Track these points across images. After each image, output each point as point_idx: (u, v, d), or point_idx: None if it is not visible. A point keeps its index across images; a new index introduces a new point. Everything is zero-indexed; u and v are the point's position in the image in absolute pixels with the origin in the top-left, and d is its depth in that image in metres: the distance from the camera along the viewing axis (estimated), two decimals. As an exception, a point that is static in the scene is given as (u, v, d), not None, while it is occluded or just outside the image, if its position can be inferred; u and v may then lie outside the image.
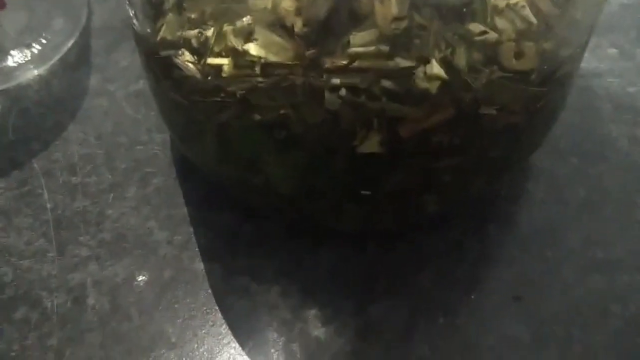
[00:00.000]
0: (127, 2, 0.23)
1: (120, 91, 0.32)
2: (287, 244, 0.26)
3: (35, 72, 0.33)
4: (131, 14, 0.23)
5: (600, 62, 0.33)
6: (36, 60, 0.33)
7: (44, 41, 0.34)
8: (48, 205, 0.28)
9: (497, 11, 0.21)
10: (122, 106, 0.31)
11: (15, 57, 0.33)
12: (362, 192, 0.23)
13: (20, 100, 0.32)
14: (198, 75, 0.21)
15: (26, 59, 0.33)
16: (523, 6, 0.21)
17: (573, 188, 0.28)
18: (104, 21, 0.36)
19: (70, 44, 0.34)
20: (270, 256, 0.26)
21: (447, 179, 0.23)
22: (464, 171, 0.23)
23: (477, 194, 0.26)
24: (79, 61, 0.34)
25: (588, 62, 0.33)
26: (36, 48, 0.34)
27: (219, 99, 0.21)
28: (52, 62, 0.33)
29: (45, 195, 0.28)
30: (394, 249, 0.26)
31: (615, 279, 0.25)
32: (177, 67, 0.21)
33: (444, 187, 0.24)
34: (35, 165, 0.29)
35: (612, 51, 0.33)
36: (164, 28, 0.21)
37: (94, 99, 0.32)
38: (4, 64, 0.33)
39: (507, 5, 0.21)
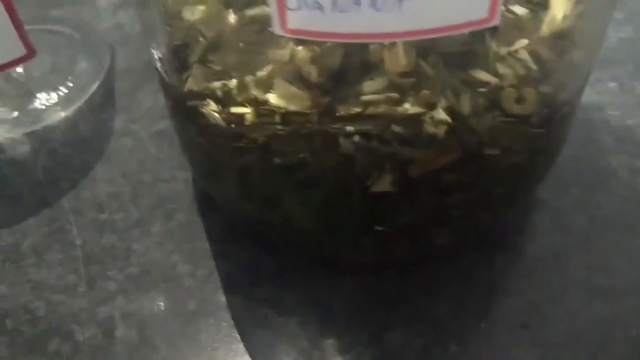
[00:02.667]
0: (154, 55, 0.25)
1: (144, 131, 0.34)
2: (307, 276, 0.27)
3: (62, 114, 0.35)
4: (158, 66, 0.25)
5: (600, 95, 0.34)
6: (63, 102, 0.35)
7: (70, 84, 0.36)
8: (77, 242, 0.29)
9: (499, 58, 0.23)
10: (146, 145, 0.33)
11: (43, 100, 0.35)
12: (377, 227, 0.24)
13: (48, 142, 0.34)
14: (222, 124, 0.22)
15: (53, 102, 0.35)
16: (523, 53, 0.23)
17: (576, 218, 0.29)
18: (127, 63, 0.38)
19: (95, 86, 0.36)
20: (290, 287, 0.27)
21: (456, 214, 0.25)
22: (472, 206, 0.24)
23: (486, 226, 0.28)
24: (104, 103, 0.35)
25: (589, 96, 0.34)
26: (62, 91, 0.35)
27: (241, 144, 0.23)
28: (78, 104, 0.35)
29: (75, 232, 0.30)
30: (408, 279, 0.27)
31: (618, 306, 0.26)
32: (202, 115, 0.23)
33: (454, 222, 0.25)
34: (65, 204, 0.31)
35: (612, 85, 0.35)
36: (190, 80, 0.23)
37: (119, 139, 0.34)
38: (32, 106, 0.35)
39: (508, 52, 0.23)
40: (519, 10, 0.24)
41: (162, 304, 0.27)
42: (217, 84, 0.23)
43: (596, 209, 0.30)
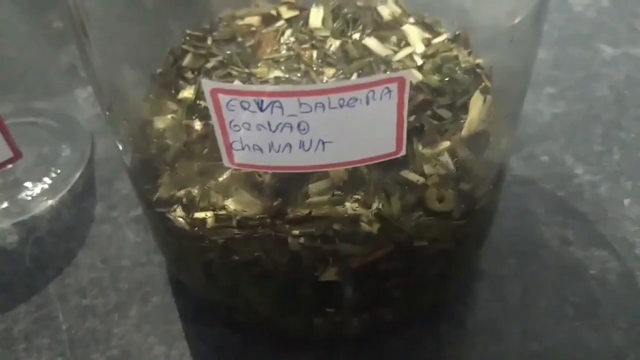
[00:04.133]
0: (124, 158, 0.29)
1: (122, 217, 0.37)
2: (271, 352, 0.30)
3: (48, 203, 0.38)
4: (129, 172, 0.28)
5: (533, 169, 0.38)
6: (48, 192, 0.38)
7: (53, 174, 0.39)
8: (63, 327, 0.32)
9: (425, 159, 0.26)
10: (124, 231, 0.36)
11: (29, 191, 0.38)
12: (327, 309, 0.28)
13: (35, 231, 0.37)
14: (187, 227, 0.26)
15: (39, 192, 0.38)
16: (445, 154, 0.27)
17: (511, 287, 0.33)
18: (106, 152, 0.41)
19: (77, 175, 0.39)
20: (255, 363, 0.30)
21: (397, 295, 0.28)
22: (411, 288, 0.28)
23: (428, 302, 0.31)
24: (85, 191, 0.39)
25: (523, 170, 0.38)
26: (47, 182, 0.39)
27: (204, 244, 0.26)
28: (62, 193, 0.38)
29: (61, 318, 0.33)
30: (360, 352, 0.30)
31: (549, 368, 0.30)
32: (169, 219, 0.26)
33: (396, 301, 0.28)
34: (51, 290, 0.34)
35: (544, 158, 0.39)
36: (161, 189, 0.27)
37: (100, 225, 0.37)
38: (19, 197, 0.38)
39: (432, 154, 0.27)
40: (443, 113, 0.28)
41: (140, 382, 0.30)
42: (182, 192, 0.26)
43: (530, 278, 0.33)
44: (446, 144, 0.27)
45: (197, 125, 0.28)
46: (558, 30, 0.48)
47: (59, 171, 0.39)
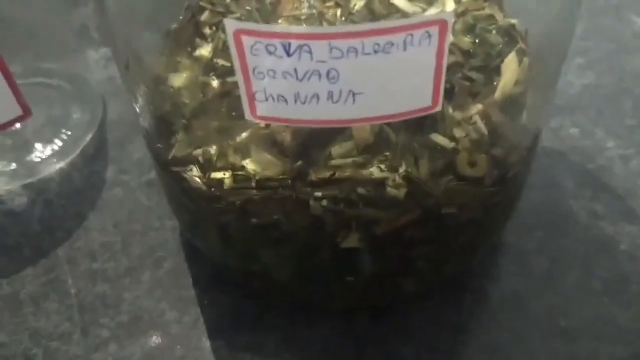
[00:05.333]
0: (141, 120, 0.27)
1: (134, 181, 0.36)
2: (286, 321, 0.29)
3: (58, 165, 0.37)
4: (145, 132, 0.27)
5: (562, 141, 0.37)
6: (58, 154, 0.37)
7: (64, 136, 0.38)
8: (72, 291, 0.31)
9: (455, 123, 0.25)
10: (136, 195, 0.35)
11: (39, 152, 0.37)
12: (347, 278, 0.26)
13: (44, 193, 0.36)
14: (203, 188, 0.25)
15: (49, 154, 0.37)
16: (476, 118, 0.25)
17: (538, 260, 0.31)
18: (118, 115, 0.40)
19: (88, 138, 0.38)
20: (271, 332, 0.29)
21: (421, 264, 0.27)
22: (436, 257, 0.27)
23: (452, 272, 0.30)
24: (96, 154, 0.38)
25: (552, 141, 0.37)
26: (57, 143, 0.38)
27: (221, 206, 0.25)
28: (73, 155, 0.37)
29: (70, 281, 0.32)
30: (379, 323, 0.29)
31: (576, 346, 0.28)
32: (185, 179, 0.25)
33: (419, 271, 0.27)
34: (60, 253, 0.33)
35: (574, 130, 0.37)
36: (176, 147, 0.25)
37: (111, 189, 0.36)
38: (29, 158, 0.37)
39: (463, 117, 0.25)
40: (475, 75, 0.26)
41: (151, 350, 0.29)
42: (198, 151, 0.25)
43: (557, 252, 0.32)
44: (478, 107, 0.25)
45: (215, 83, 0.27)
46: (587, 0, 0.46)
47: (69, 133, 0.38)
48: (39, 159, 0.37)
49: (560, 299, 0.30)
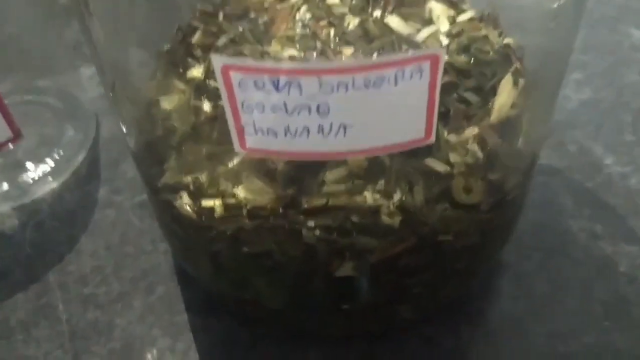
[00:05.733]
0: (128, 141, 0.27)
1: (127, 202, 0.35)
2: (280, 348, 0.29)
3: (51, 186, 0.36)
4: (133, 154, 0.27)
5: (560, 158, 0.36)
6: (51, 174, 0.37)
7: (56, 156, 0.38)
8: (63, 317, 0.31)
9: (450, 147, 0.24)
10: (129, 217, 0.35)
11: (31, 173, 0.37)
12: (342, 306, 0.26)
13: (36, 215, 0.35)
14: (194, 216, 0.24)
15: (41, 174, 0.37)
16: (472, 141, 0.25)
17: (537, 282, 0.31)
18: (112, 133, 0.39)
19: (82, 157, 0.38)
20: (265, 359, 0.29)
21: (417, 291, 0.26)
22: (432, 284, 0.26)
23: (449, 297, 0.29)
24: (89, 174, 0.37)
25: (549, 159, 0.36)
26: (50, 164, 0.37)
27: (212, 234, 0.24)
28: (66, 175, 0.37)
29: (61, 307, 0.31)
30: (375, 350, 0.29)
31: (576, 372, 0.28)
32: (175, 207, 0.25)
33: (416, 298, 0.27)
34: (51, 278, 0.32)
35: (572, 147, 0.37)
36: (167, 174, 0.25)
37: (103, 210, 0.35)
38: (20, 179, 0.37)
39: (459, 141, 0.25)
40: (470, 97, 0.26)
41: (144, 376, 0.28)
42: (189, 178, 0.24)
43: (556, 274, 0.31)
44: (474, 130, 0.25)
45: (206, 106, 0.26)
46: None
47: (62, 152, 0.38)
48: (31, 180, 0.37)
49: (560, 323, 0.29)
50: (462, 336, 0.29)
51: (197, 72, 0.27)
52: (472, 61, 0.27)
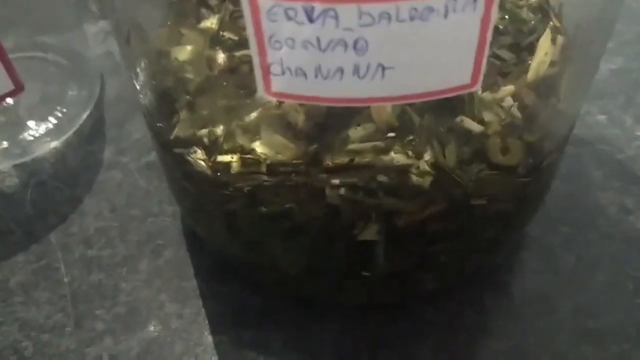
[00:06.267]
0: (141, 97, 0.25)
1: (133, 163, 0.34)
2: (294, 317, 0.27)
3: (52, 144, 0.35)
4: (145, 110, 0.25)
5: (589, 129, 0.34)
6: (53, 133, 0.35)
7: (59, 114, 0.36)
8: (65, 279, 0.29)
9: (484, 105, 0.23)
10: (135, 178, 0.33)
11: (32, 131, 0.35)
12: (362, 273, 0.24)
13: (37, 174, 0.34)
14: (208, 172, 0.22)
15: (43, 132, 0.35)
16: (508, 100, 0.23)
17: (564, 257, 0.29)
18: (117, 92, 0.38)
19: (85, 116, 0.36)
20: (278, 328, 0.27)
21: (443, 260, 0.24)
22: (459, 252, 0.24)
23: (473, 268, 0.27)
24: (93, 133, 0.35)
25: (578, 129, 0.34)
26: (52, 122, 0.35)
27: (227, 192, 0.23)
28: (68, 134, 0.35)
29: (63, 269, 0.30)
30: (394, 320, 0.27)
31: (605, 349, 0.26)
32: (189, 162, 0.23)
33: (441, 267, 0.25)
34: (53, 239, 0.31)
35: (602, 118, 0.35)
36: (178, 126, 0.23)
37: (108, 171, 0.34)
38: (21, 137, 0.35)
39: (494, 99, 0.23)
40: (505, 54, 0.24)
41: (149, 346, 0.27)
42: (203, 132, 0.23)
43: (584, 248, 0.30)
44: (510, 88, 0.23)
45: (221, 57, 0.24)
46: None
47: (65, 111, 0.36)
48: (33, 138, 0.35)
49: (588, 299, 0.28)
50: (485, 311, 0.28)
51: (211, 22, 0.26)
52: (507, 17, 0.25)
